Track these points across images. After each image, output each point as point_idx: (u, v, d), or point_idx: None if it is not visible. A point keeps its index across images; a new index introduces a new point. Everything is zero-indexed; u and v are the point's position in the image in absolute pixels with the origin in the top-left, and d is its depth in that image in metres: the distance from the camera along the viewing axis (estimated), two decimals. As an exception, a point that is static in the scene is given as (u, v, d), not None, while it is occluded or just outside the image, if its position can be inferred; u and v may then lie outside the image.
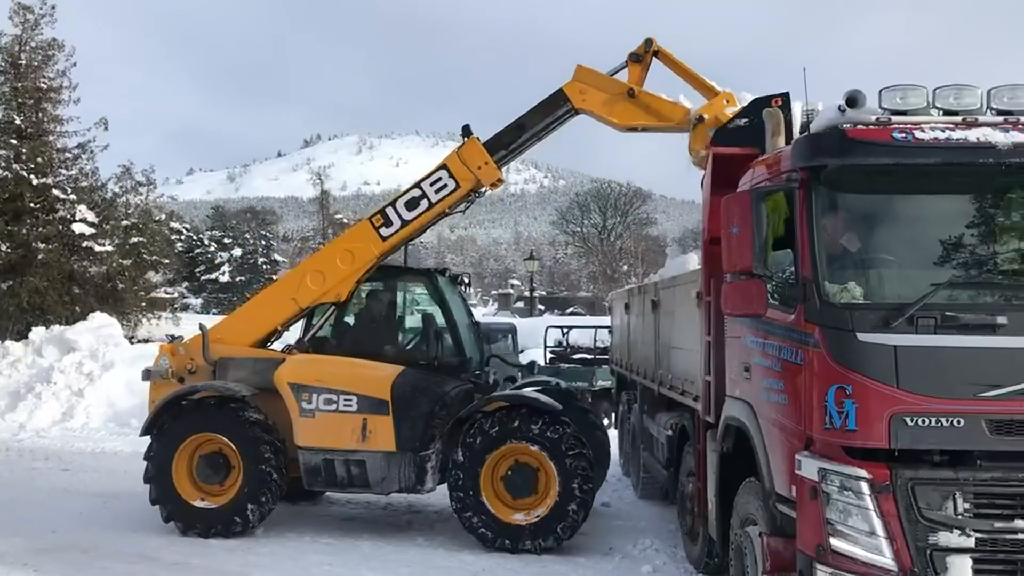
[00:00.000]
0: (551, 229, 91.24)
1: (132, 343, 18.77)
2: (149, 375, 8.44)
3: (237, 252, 54.65)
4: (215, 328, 8.66)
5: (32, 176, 21.36)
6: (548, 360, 18.39)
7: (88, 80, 23.95)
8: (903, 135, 4.42)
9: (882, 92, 4.60)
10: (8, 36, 22.85)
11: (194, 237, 54.49)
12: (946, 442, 4.20)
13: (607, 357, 14.32)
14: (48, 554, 7.18)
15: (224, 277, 52.69)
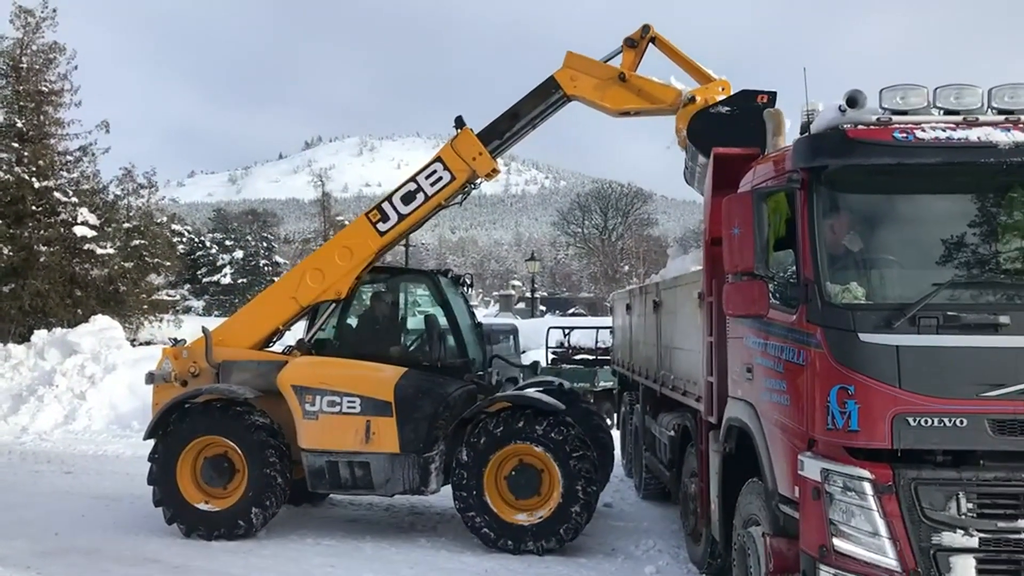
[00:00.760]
0: (552, 230, 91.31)
1: (134, 346, 18.80)
2: (152, 379, 8.42)
3: (239, 254, 54.59)
4: (217, 330, 8.65)
5: (34, 179, 21.42)
6: (550, 361, 18.41)
7: (89, 83, 24.01)
8: (904, 135, 4.41)
9: (882, 92, 4.59)
10: (10, 40, 22.96)
11: (196, 239, 54.44)
12: (949, 442, 4.20)
13: (608, 358, 14.32)
14: (50, 556, 7.20)
15: (226, 279, 52.64)
